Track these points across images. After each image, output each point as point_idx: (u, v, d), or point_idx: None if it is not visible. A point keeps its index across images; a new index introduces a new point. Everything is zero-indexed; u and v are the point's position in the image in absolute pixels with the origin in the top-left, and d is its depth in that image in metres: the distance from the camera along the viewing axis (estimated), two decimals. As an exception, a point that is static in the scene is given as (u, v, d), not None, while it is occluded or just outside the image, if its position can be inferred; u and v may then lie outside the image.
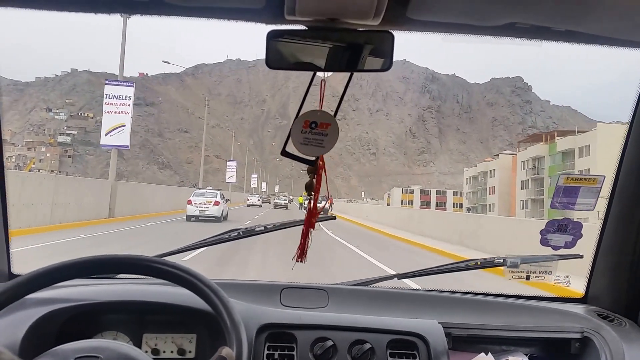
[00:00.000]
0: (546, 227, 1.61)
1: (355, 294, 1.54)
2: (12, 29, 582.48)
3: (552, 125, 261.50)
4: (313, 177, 1.29)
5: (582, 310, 1.55)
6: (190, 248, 1.75)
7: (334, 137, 1.23)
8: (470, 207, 79.12)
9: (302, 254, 1.41)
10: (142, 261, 1.04)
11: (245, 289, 1.50)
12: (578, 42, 1.17)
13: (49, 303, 1.27)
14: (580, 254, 1.64)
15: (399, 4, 1.00)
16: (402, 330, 1.33)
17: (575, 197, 1.53)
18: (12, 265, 1.55)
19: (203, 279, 1.04)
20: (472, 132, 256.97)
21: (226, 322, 0.98)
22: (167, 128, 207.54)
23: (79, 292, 1.34)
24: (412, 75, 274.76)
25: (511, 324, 1.44)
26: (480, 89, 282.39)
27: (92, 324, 1.34)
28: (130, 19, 20.12)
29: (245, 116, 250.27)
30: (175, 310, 1.32)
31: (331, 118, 1.23)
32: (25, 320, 1.21)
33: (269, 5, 1.03)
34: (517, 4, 1.01)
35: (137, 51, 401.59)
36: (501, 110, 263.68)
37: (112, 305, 1.34)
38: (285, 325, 1.33)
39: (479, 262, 1.68)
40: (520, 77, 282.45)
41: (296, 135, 1.22)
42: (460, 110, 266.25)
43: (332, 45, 1.11)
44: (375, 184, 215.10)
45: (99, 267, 1.05)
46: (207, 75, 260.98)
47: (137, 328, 1.36)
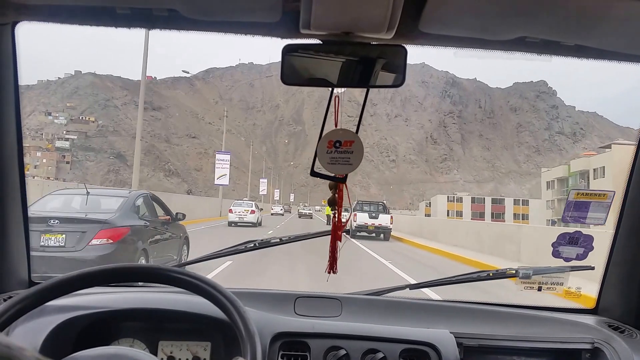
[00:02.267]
0: (558, 240, 1.63)
1: (368, 304, 1.56)
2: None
3: (579, 131, 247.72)
4: (335, 192, 1.33)
5: (593, 321, 1.56)
6: (208, 258, 1.77)
7: (359, 154, 1.26)
8: (556, 219, 60.13)
9: (332, 265, 1.44)
10: (160, 270, 1.06)
11: (260, 297, 1.51)
12: (587, 57, 1.19)
13: (68, 310, 1.29)
14: (592, 266, 1.66)
15: (412, 18, 1.03)
16: (415, 339, 1.34)
17: (586, 212, 1.57)
18: (32, 273, 1.56)
19: (219, 287, 1.05)
20: (496, 139, 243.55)
21: (241, 330, 0.99)
22: (174, 133, 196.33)
23: (97, 300, 1.36)
24: (431, 80, 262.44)
25: (522, 334, 1.45)
26: (503, 93, 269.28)
27: (109, 331, 1.36)
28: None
29: (258, 122, 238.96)
30: (191, 318, 1.33)
31: (354, 135, 1.25)
32: (45, 326, 1.23)
33: (284, 19, 1.06)
34: (527, 18, 1.02)
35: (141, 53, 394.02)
36: (526, 116, 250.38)
37: (129, 313, 1.36)
38: (299, 333, 1.34)
39: (491, 274, 1.71)
40: (544, 81, 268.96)
41: (322, 155, 1.24)
42: (483, 115, 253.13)
43: (346, 60, 1.13)
44: (397, 192, 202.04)
45: (118, 276, 1.07)
46: (219, 80, 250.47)
47: (154, 335, 1.38)
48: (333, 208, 1.35)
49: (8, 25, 1.26)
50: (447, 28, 1.10)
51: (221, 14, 1.09)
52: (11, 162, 1.40)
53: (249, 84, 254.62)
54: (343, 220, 1.38)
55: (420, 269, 11.84)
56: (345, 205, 1.36)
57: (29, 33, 1.33)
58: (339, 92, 1.28)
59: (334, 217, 1.38)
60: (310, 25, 1.05)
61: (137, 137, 20.60)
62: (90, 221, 6.29)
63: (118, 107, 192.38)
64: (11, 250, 1.46)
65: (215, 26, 1.14)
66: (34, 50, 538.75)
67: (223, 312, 1.04)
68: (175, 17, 1.07)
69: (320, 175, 1.27)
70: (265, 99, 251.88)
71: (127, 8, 1.07)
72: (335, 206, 1.35)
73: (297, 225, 30.90)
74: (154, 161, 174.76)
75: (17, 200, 1.45)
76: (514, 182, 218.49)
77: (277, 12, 1.04)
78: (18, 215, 1.46)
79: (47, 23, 1.15)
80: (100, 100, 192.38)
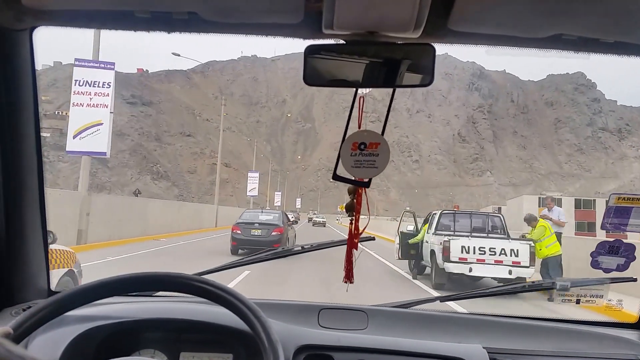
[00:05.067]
0: (597, 249, 1.56)
1: (395, 316, 1.51)
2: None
3: (624, 127, 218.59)
4: (353, 197, 1.28)
5: (635, 336, 1.49)
6: (227, 267, 1.74)
7: (385, 156, 1.21)
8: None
9: (348, 274, 1.40)
10: (182, 279, 1.04)
11: (283, 309, 1.47)
12: (628, 54, 1.15)
13: (88, 320, 1.27)
14: (634, 277, 1.59)
15: (440, 16, 0.99)
16: (445, 355, 1.29)
17: (627, 218, 1.49)
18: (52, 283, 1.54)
19: (242, 298, 1.03)
20: (532, 136, 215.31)
21: (264, 342, 0.96)
22: (167, 131, 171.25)
23: (118, 310, 1.35)
24: (455, 72, 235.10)
25: (560, 350, 1.38)
26: (536, 86, 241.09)
27: (130, 342, 1.34)
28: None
29: (262, 119, 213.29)
30: (213, 329, 1.31)
31: (380, 137, 1.21)
32: (65, 337, 1.21)
33: (306, 20, 1.03)
34: (564, 15, 0.98)
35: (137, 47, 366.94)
36: (564, 111, 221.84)
37: (150, 323, 1.34)
38: (324, 347, 1.30)
39: (527, 286, 1.66)
40: (582, 72, 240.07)
41: (346, 158, 1.20)
42: (516, 110, 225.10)
43: (370, 60, 1.09)
44: (421, 197, 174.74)
45: (138, 285, 1.05)
46: (219, 73, 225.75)
47: (175, 346, 1.35)
48: (351, 214, 1.30)
49: (26, 31, 1.25)
50: (477, 25, 1.05)
51: (242, 15, 1.07)
52: (31, 172, 1.38)
53: (252, 78, 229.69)
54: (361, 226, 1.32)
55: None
56: (364, 211, 1.30)
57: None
58: (364, 92, 1.23)
59: (350, 224, 1.32)
60: (333, 25, 1.03)
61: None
62: (271, 223, 15.57)
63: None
64: (30, 260, 1.44)
65: (235, 28, 1.12)
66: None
67: (245, 323, 1.01)
68: (195, 19, 1.06)
69: (344, 179, 1.22)
70: (271, 94, 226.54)
71: (147, 12, 1.06)
72: (354, 212, 1.30)
73: (311, 234, 29.10)
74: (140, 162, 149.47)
75: (37, 210, 1.44)
76: (555, 185, 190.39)
77: (299, 12, 1.01)
78: (37, 225, 1.45)
79: (66, 28, 1.14)
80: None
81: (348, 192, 1.28)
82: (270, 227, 15.16)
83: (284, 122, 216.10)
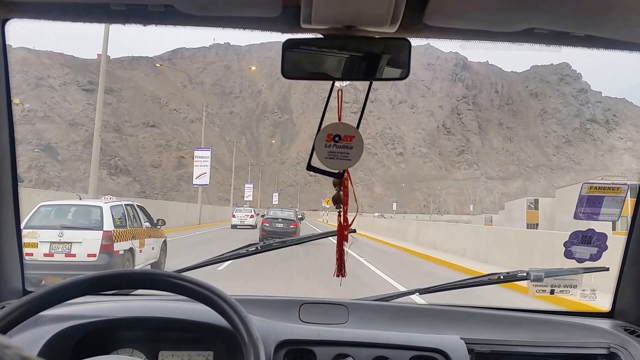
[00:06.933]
0: (570, 239, 1.58)
1: (375, 310, 1.52)
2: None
3: (612, 119, 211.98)
4: (340, 189, 1.28)
5: (608, 325, 1.51)
6: (209, 263, 1.72)
7: (359, 149, 1.22)
8: None
9: (340, 268, 1.41)
10: (159, 276, 1.02)
11: (264, 304, 1.47)
12: (598, 47, 1.16)
13: (64, 320, 1.25)
14: (606, 267, 1.60)
15: (416, 11, 1.00)
16: (424, 346, 1.31)
17: (599, 207, 1.51)
18: (26, 282, 1.52)
19: (221, 294, 1.01)
20: (518, 128, 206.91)
21: (244, 338, 0.95)
22: (128, 121, 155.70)
23: (95, 309, 1.32)
24: (438, 62, 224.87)
25: (535, 339, 1.41)
26: (520, 77, 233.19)
27: (107, 341, 1.32)
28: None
29: (236, 110, 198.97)
30: (192, 326, 1.29)
31: (354, 130, 1.22)
32: (40, 337, 1.19)
33: (285, 14, 1.03)
34: (536, 9, 1.00)
35: (98, 30, 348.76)
36: (549, 102, 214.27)
37: (127, 322, 1.32)
38: (305, 341, 1.30)
39: (502, 277, 1.66)
40: (567, 63, 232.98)
41: (320, 149, 1.21)
42: (501, 101, 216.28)
43: (349, 54, 1.11)
44: (407, 192, 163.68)
45: (114, 283, 1.03)
46: (188, 61, 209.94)
47: (153, 345, 1.34)
48: (338, 206, 1.31)
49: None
50: (452, 20, 1.07)
51: (219, 9, 1.06)
52: (4, 169, 1.36)
53: (225, 67, 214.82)
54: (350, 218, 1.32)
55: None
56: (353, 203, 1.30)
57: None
58: (342, 85, 1.24)
59: (339, 216, 1.32)
60: (311, 19, 1.03)
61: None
62: (289, 219, 20.51)
63: (54, 87, 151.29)
64: (4, 259, 1.42)
65: (213, 21, 1.11)
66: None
67: (225, 319, 1.00)
68: (171, 12, 1.04)
69: (318, 170, 1.24)
70: (245, 84, 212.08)
71: (123, 4, 1.04)
72: (341, 204, 1.30)
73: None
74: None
75: (10, 208, 1.41)
76: (544, 179, 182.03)
77: (277, 6, 1.01)
78: (10, 224, 1.42)
79: (39, 20, 1.11)
80: (30, 79, 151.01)
81: (333, 184, 1.28)
82: (289, 221, 20.35)
83: (259, 113, 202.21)
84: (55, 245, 7.62)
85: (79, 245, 7.66)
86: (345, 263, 1.39)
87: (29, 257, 7.34)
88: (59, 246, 7.63)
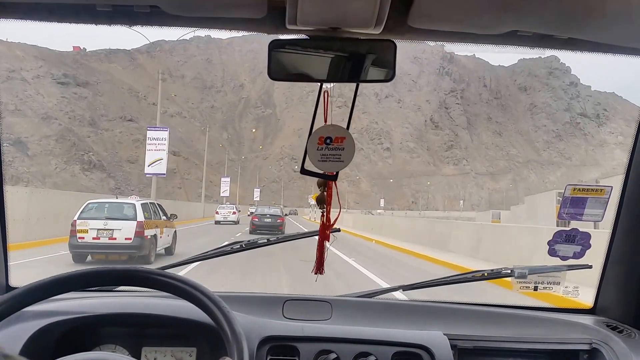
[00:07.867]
0: (554, 238, 1.59)
1: (359, 306, 1.52)
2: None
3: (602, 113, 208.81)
4: (324, 190, 1.30)
5: (590, 321, 1.53)
6: (193, 260, 1.71)
7: (351, 150, 1.23)
8: None
9: (319, 266, 1.42)
10: (143, 273, 1.01)
11: (247, 301, 1.47)
12: (581, 50, 1.17)
13: (47, 316, 1.24)
14: (589, 264, 1.62)
15: (400, 13, 1.01)
16: (407, 342, 1.31)
17: (582, 208, 1.53)
18: (10, 278, 1.51)
19: (204, 290, 1.01)
20: (507, 122, 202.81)
21: (227, 334, 0.95)
22: (104, 115, 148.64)
23: (78, 305, 1.32)
24: (424, 55, 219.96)
25: (518, 335, 1.41)
26: (508, 72, 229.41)
27: (90, 337, 1.31)
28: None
29: (218, 104, 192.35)
30: (175, 323, 1.29)
31: (345, 131, 1.23)
32: (23, 333, 1.19)
33: (270, 15, 1.03)
34: (519, 12, 1.00)
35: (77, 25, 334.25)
36: (539, 96, 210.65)
37: (110, 318, 1.31)
38: (288, 337, 1.30)
39: (486, 273, 1.66)
40: (555, 56, 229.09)
41: (313, 152, 1.22)
42: (489, 95, 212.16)
43: (334, 55, 1.12)
44: (395, 188, 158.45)
45: (97, 280, 1.02)
46: (168, 54, 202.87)
47: (136, 341, 1.33)
48: (322, 206, 1.32)
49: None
50: (436, 23, 1.08)
51: (205, 9, 1.06)
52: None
53: (206, 60, 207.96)
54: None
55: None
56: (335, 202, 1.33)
57: None
58: (329, 87, 1.24)
59: (322, 216, 1.34)
60: (296, 20, 1.04)
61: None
62: (276, 215, 23.41)
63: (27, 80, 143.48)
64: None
65: (198, 22, 1.11)
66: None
67: (208, 316, 0.99)
68: (157, 13, 1.04)
69: (311, 173, 1.25)
70: (227, 78, 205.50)
71: (108, 5, 1.03)
72: (324, 204, 1.32)
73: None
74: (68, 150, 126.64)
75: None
76: (534, 174, 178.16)
77: (263, 7, 1.01)
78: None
79: (25, 21, 1.11)
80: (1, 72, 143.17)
81: (317, 185, 1.30)
82: (276, 217, 22.88)
83: (241, 108, 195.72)
84: (101, 231, 11.09)
85: (119, 231, 11.09)
86: (324, 261, 1.40)
87: (80, 240, 11.01)
88: (104, 232, 11.09)
